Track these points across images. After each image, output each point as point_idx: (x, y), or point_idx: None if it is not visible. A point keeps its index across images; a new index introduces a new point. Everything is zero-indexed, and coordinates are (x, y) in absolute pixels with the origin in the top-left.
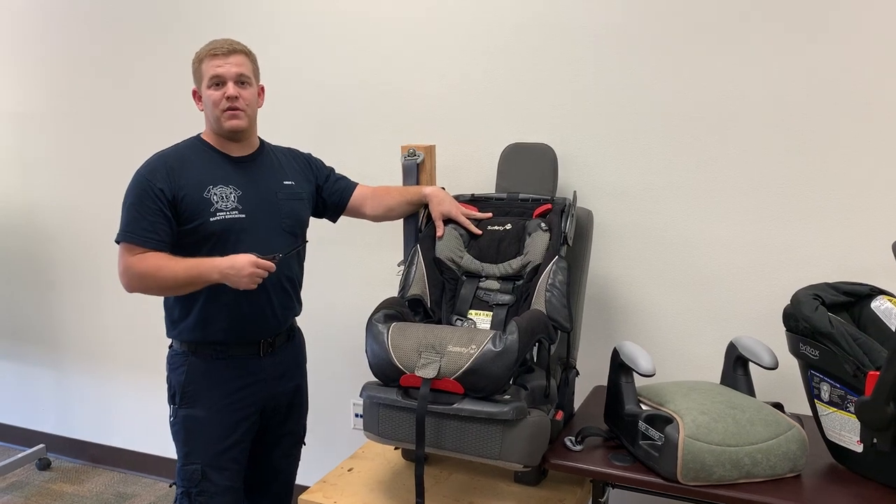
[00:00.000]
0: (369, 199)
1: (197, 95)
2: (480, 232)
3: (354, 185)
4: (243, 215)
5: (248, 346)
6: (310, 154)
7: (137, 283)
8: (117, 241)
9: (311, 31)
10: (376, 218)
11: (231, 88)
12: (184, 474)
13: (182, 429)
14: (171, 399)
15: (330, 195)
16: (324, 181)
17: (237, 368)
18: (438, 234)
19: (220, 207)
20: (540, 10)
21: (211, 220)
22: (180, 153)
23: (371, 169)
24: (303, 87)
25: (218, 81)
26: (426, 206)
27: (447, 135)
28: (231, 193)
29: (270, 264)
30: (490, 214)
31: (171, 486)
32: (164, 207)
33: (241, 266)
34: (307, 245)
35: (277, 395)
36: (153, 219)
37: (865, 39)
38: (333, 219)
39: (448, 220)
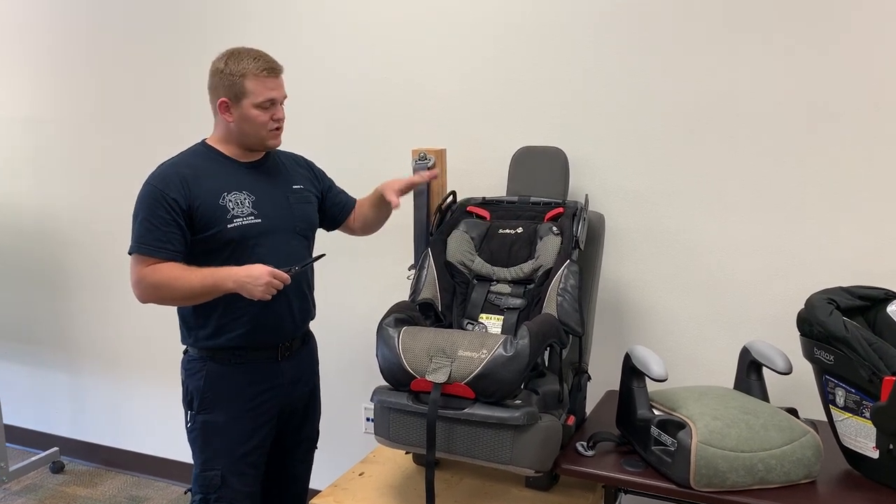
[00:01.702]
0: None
1: (224, 105)
2: (430, 176)
3: (354, 201)
4: (259, 220)
5: (266, 351)
6: (312, 162)
7: (151, 294)
8: (130, 253)
9: (323, 36)
10: (360, 230)
11: (281, 112)
12: (202, 480)
13: (200, 434)
14: (189, 405)
15: (332, 206)
16: (327, 191)
17: (255, 373)
18: (394, 205)
19: (237, 214)
20: (552, 14)
21: (228, 226)
22: (190, 161)
23: (382, 173)
24: (314, 92)
25: (270, 104)
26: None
27: (458, 138)
28: (245, 199)
29: (286, 276)
30: (436, 172)
31: (186, 493)
32: (178, 217)
33: (258, 276)
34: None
35: (294, 399)
36: (167, 229)
37: (878, 42)
38: (328, 229)
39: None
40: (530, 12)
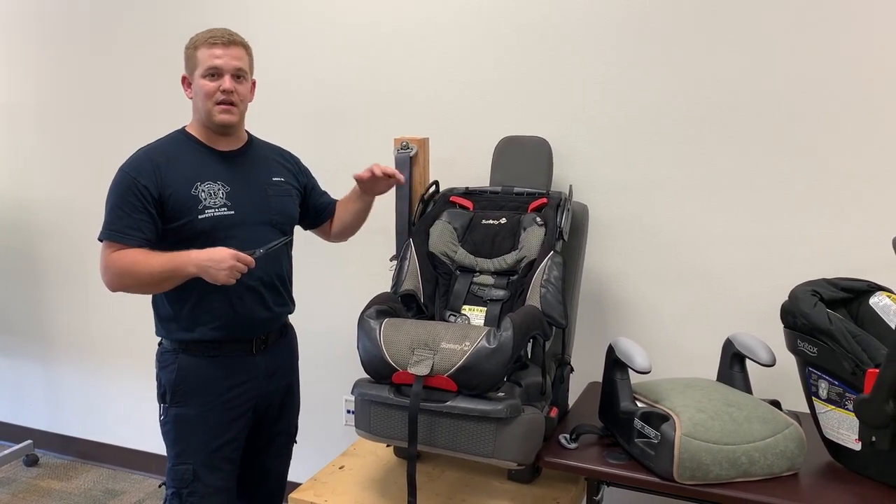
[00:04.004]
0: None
1: (186, 82)
2: (402, 179)
3: (334, 202)
4: (232, 212)
5: (240, 344)
6: (298, 158)
7: (117, 280)
8: (100, 240)
9: (308, 24)
10: (336, 234)
11: (227, 82)
12: (174, 474)
13: (173, 428)
14: (162, 398)
15: (314, 205)
16: (311, 189)
17: (230, 366)
18: (400, 180)
19: (208, 204)
20: (537, 7)
21: (199, 217)
22: (165, 149)
23: (364, 161)
24: (297, 79)
25: (214, 73)
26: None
27: (441, 127)
28: (219, 190)
29: (250, 259)
30: (402, 179)
31: (160, 487)
32: (149, 205)
33: (221, 259)
34: (292, 241)
35: (270, 393)
36: (137, 216)
37: (866, 37)
38: (305, 228)
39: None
40: (517, 5)
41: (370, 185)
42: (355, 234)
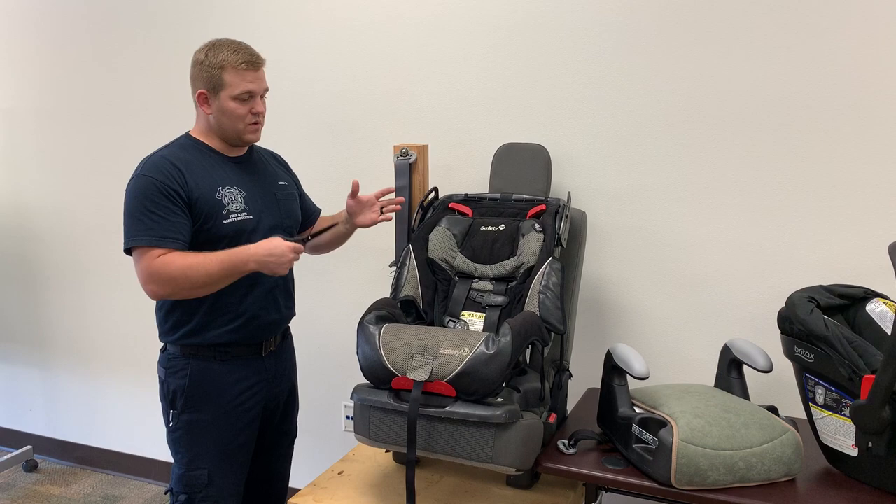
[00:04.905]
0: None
1: (203, 97)
2: (398, 206)
3: (320, 211)
4: (251, 216)
5: (251, 347)
6: (287, 162)
7: (167, 287)
8: (134, 246)
9: (306, 30)
10: (310, 246)
11: (260, 105)
12: (187, 480)
13: (186, 434)
14: (171, 403)
15: (302, 210)
16: (301, 193)
17: (241, 370)
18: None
19: (232, 209)
20: (535, 10)
21: (224, 222)
22: (179, 154)
23: (364, 168)
24: (296, 86)
25: (247, 97)
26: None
27: (441, 134)
28: (237, 194)
29: (302, 248)
30: (398, 206)
31: (166, 493)
32: (184, 207)
33: (282, 253)
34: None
35: (277, 394)
36: (174, 219)
37: (862, 40)
38: None
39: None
40: (515, 12)
41: (357, 209)
42: (327, 253)
